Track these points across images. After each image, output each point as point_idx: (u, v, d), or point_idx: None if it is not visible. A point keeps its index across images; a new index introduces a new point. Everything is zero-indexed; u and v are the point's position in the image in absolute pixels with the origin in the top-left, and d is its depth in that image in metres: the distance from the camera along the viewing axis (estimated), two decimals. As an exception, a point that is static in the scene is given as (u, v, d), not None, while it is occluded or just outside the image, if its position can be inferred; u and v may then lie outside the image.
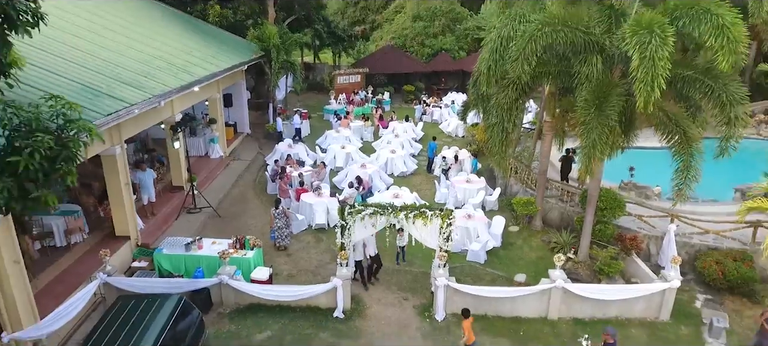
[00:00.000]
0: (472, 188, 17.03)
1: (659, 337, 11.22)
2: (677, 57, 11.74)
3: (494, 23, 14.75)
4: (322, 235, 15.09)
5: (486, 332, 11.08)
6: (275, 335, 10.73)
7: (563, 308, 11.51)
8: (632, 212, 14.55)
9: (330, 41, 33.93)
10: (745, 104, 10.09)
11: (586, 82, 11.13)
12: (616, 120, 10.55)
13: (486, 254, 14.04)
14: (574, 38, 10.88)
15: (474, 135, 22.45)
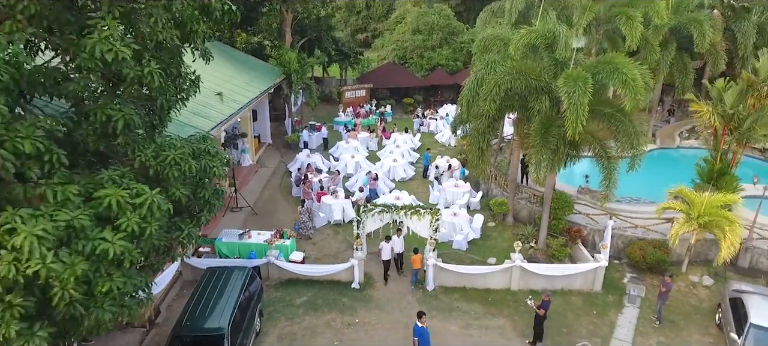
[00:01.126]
0: (459, 191, 21.24)
1: (592, 303, 15.42)
2: (605, 98, 15.98)
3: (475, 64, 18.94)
4: (339, 229, 19.29)
5: (464, 299, 15.27)
6: (310, 300, 14.94)
7: (521, 282, 15.70)
8: (582, 210, 18.76)
9: (337, 58, 38.16)
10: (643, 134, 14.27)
11: (537, 115, 15.35)
12: (556, 145, 14.74)
13: (467, 244, 18.23)
14: (528, 84, 15.08)
15: (463, 146, 26.61)
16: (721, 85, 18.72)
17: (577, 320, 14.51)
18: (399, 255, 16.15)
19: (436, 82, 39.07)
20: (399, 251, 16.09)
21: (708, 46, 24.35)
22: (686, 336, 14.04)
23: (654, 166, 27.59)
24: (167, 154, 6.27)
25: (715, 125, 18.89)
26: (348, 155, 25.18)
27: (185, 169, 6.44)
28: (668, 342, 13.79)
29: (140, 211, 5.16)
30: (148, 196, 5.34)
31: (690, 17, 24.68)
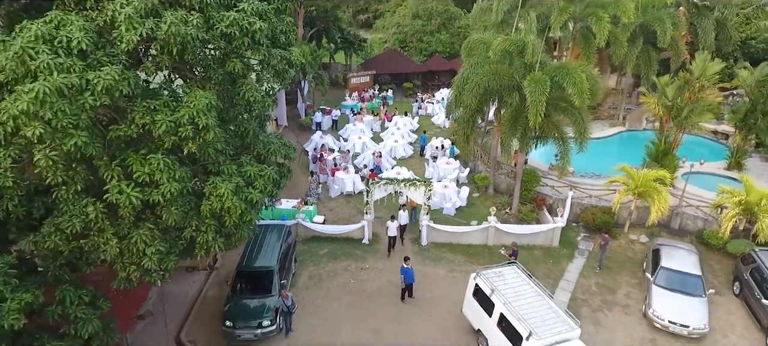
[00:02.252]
0: (449, 167, 25.64)
1: (550, 255, 20.00)
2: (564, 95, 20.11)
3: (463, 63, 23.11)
4: (350, 198, 23.80)
5: (450, 252, 19.84)
6: (330, 251, 19.53)
7: (496, 239, 20.26)
8: (550, 183, 23.25)
9: (343, 46, 42.07)
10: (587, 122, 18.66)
11: (509, 108, 19.69)
12: (523, 131, 19.12)
13: (455, 210, 22.76)
14: (502, 83, 19.38)
15: (455, 129, 30.90)
16: (664, 81, 23.01)
17: (536, 267, 19.10)
18: (403, 227, 20.45)
19: (434, 68, 43.08)
20: (404, 223, 20.43)
21: (669, 41, 28.43)
22: (618, 279, 18.67)
23: (623, 146, 32.01)
24: (269, 147, 10.59)
25: (660, 114, 23.26)
26: (356, 136, 29.50)
27: (278, 155, 10.82)
28: (603, 282, 18.44)
29: (264, 179, 9.42)
30: (267, 171, 9.64)
31: (655, 16, 28.63)
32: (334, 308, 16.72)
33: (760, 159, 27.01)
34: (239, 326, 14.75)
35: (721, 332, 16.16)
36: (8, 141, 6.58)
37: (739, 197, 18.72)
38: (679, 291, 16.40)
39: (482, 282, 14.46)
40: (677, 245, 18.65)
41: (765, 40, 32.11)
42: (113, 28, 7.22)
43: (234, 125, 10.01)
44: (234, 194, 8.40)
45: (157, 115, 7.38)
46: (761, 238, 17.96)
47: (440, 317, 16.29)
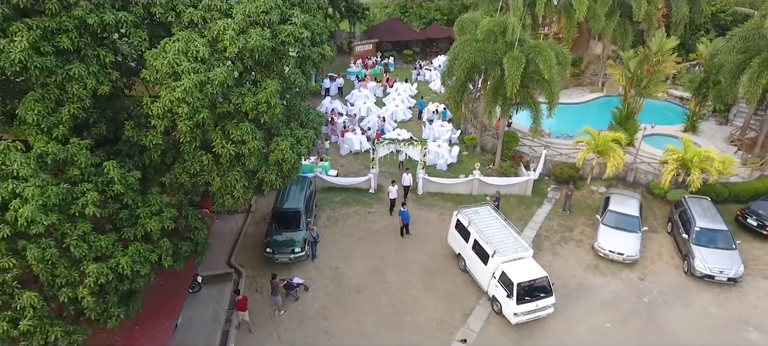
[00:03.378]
0: (443, 129, 30.05)
1: (523, 202, 24.71)
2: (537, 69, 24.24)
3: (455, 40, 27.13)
4: (358, 156, 28.31)
5: (441, 200, 24.54)
6: (343, 199, 24.23)
7: (479, 189, 24.95)
8: (528, 143, 27.74)
9: (347, 15, 45.58)
10: (556, 92, 22.99)
11: (491, 79, 23.95)
12: (502, 99, 23.46)
13: (447, 166, 27.35)
14: (486, 59, 23.57)
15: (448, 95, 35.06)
16: (628, 56, 27.14)
17: (512, 211, 23.81)
18: (406, 188, 24.84)
19: (432, 36, 46.71)
20: (407, 185, 24.84)
21: (644, 15, 32.27)
22: (576, 220, 23.41)
23: (600, 110, 36.27)
24: (309, 116, 14.98)
25: (623, 83, 27.52)
26: (361, 101, 33.74)
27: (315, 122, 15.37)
28: (563, 223, 23.21)
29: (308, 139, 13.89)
30: (309, 133, 14.08)
31: (631, -8, 32.38)
32: (347, 241, 21.55)
33: (716, 122, 31.42)
34: (277, 252, 19.60)
35: (650, 259, 21.03)
36: (163, 116, 10.92)
37: (678, 155, 23.27)
38: (620, 228, 21.17)
39: (462, 217, 19.22)
40: (625, 194, 23.34)
41: (733, 12, 35.83)
42: (218, 41, 11.40)
43: (286, 100, 14.32)
44: (290, 149, 12.83)
45: (244, 97, 11.70)
46: (692, 187, 22.62)
47: (431, 248, 21.13)
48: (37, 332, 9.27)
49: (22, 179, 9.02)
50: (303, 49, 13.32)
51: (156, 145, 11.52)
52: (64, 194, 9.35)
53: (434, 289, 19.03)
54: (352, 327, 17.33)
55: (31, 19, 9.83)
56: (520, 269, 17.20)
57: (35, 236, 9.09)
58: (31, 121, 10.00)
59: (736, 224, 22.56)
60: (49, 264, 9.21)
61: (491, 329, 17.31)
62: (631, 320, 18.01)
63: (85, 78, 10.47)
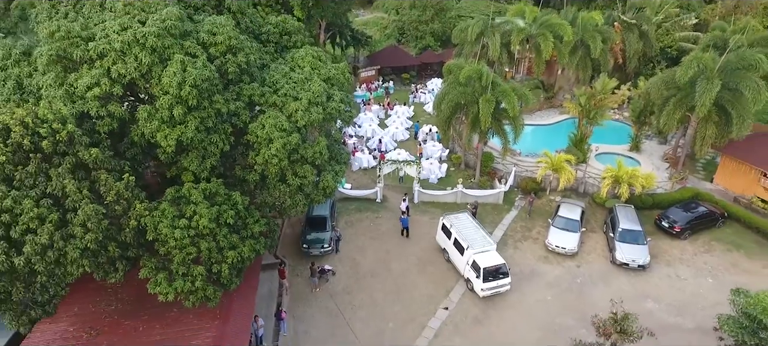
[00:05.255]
0: (435, 149, 38.09)
1: (496, 209, 32.77)
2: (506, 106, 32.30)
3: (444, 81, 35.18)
4: (366, 171, 36.30)
5: (432, 207, 32.55)
6: (356, 207, 32.22)
7: (462, 199, 32.99)
8: (500, 161, 35.80)
9: (353, 43, 53.50)
10: (521, 123, 31.09)
11: (471, 114, 31.99)
12: (479, 129, 31.50)
13: (437, 180, 35.39)
14: (467, 99, 31.62)
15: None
16: (579, 92, 35.23)
17: (487, 216, 31.84)
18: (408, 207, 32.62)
19: (426, 60, 54.81)
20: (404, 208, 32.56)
21: (600, 52, 40.39)
22: (535, 223, 31.43)
23: (568, 130, 44.49)
24: (342, 154, 22.84)
25: (577, 114, 35.66)
26: (367, 124, 41.71)
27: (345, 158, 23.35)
28: (525, 226, 31.24)
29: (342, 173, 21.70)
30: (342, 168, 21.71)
31: (588, 33, 40.51)
32: (361, 239, 29.52)
33: (657, 142, 39.62)
34: (310, 247, 27.54)
35: (587, 252, 29.07)
36: (262, 163, 18.74)
37: (613, 172, 31.37)
38: (565, 229, 29.23)
39: (446, 221, 27.25)
40: (571, 202, 31.42)
41: (678, 47, 43.95)
42: (292, 116, 19.38)
43: (328, 148, 22.13)
44: (332, 179, 20.71)
45: (307, 150, 19.79)
46: (622, 198, 30.73)
47: (424, 244, 29.12)
48: (201, 289, 17.09)
49: (195, 203, 16.87)
50: (342, 115, 21.26)
51: (254, 180, 19.38)
52: (216, 212, 17.18)
53: (426, 273, 27.04)
54: (367, 300, 25.29)
55: (192, 113, 17.59)
56: (486, 258, 25.20)
57: (205, 236, 16.89)
58: (192, 169, 17.80)
59: (654, 226, 30.68)
60: (208, 251, 17.00)
61: (465, 301, 25.32)
62: (566, 295, 26.04)
63: (217, 144, 18.29)
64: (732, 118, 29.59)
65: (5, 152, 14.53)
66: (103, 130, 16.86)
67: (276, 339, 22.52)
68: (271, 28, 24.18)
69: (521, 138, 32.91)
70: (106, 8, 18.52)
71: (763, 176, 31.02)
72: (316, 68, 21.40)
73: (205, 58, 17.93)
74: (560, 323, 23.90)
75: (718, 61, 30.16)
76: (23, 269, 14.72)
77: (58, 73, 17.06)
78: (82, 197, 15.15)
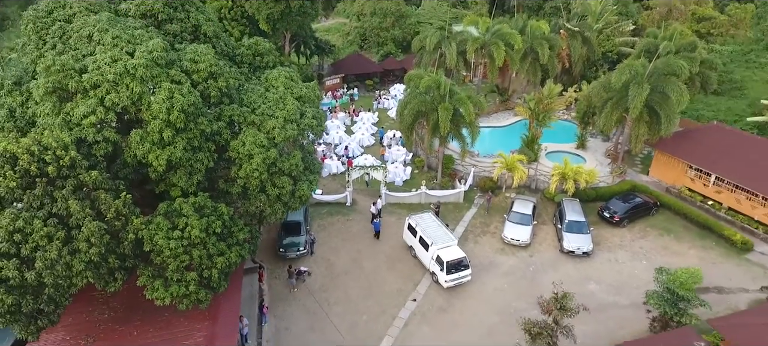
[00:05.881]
0: (399, 153, 40.89)
1: (457, 207, 35.85)
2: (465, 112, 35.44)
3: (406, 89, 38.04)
4: (335, 177, 38.74)
5: (399, 209, 35.33)
6: (328, 211, 34.64)
7: (425, 200, 35.90)
8: (460, 162, 38.94)
9: (317, 52, 55.72)
10: (477, 128, 34.28)
11: (431, 121, 34.93)
12: (439, 134, 34.47)
13: (402, 182, 38.19)
14: (427, 107, 34.53)
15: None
16: (529, 97, 38.76)
17: (449, 214, 34.85)
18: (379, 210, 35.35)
19: (389, 67, 57.60)
20: (380, 206, 35.30)
21: (547, 59, 44.14)
22: (493, 219, 34.67)
23: (521, 131, 48.05)
24: (315, 164, 25.19)
25: (528, 116, 39.19)
26: (334, 131, 44.08)
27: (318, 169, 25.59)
28: (484, 221, 34.42)
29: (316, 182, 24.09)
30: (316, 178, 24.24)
31: (537, 41, 44.19)
32: (334, 241, 31.96)
33: (601, 140, 43.71)
34: (287, 251, 29.78)
35: (539, 243, 32.46)
36: (243, 178, 20.89)
37: (560, 169, 34.94)
38: (519, 223, 32.54)
39: (411, 220, 30.06)
40: (524, 198, 34.83)
41: (618, 51, 48.37)
42: (270, 133, 21.63)
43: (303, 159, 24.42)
44: (307, 188, 23.08)
45: (284, 163, 21.99)
46: (569, 192, 34.33)
47: (393, 243, 31.83)
48: (194, 293, 19.17)
49: (186, 216, 18.93)
50: (314, 130, 23.68)
51: (236, 192, 21.55)
52: (206, 223, 19.28)
53: (395, 270, 29.76)
54: (342, 296, 27.77)
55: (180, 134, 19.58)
56: (448, 253, 28.10)
57: (197, 245, 18.96)
58: (180, 185, 19.81)
59: (597, 217, 34.43)
60: (200, 259, 19.08)
61: (431, 292, 28.18)
62: (520, 282, 29.27)
63: (203, 161, 20.38)
64: (661, 118, 33.63)
65: (15, 179, 16.27)
66: (99, 153, 18.70)
67: (260, 336, 24.72)
68: (244, 50, 26.31)
69: (479, 140, 36.14)
70: (95, 40, 20.24)
71: (689, 168, 35.26)
72: (288, 88, 23.72)
73: (189, 84, 20.00)
74: (515, 307, 27.04)
75: (648, 68, 34.18)
76: (33, 283, 16.47)
77: (54, 103, 18.76)
78: (85, 215, 17.02)
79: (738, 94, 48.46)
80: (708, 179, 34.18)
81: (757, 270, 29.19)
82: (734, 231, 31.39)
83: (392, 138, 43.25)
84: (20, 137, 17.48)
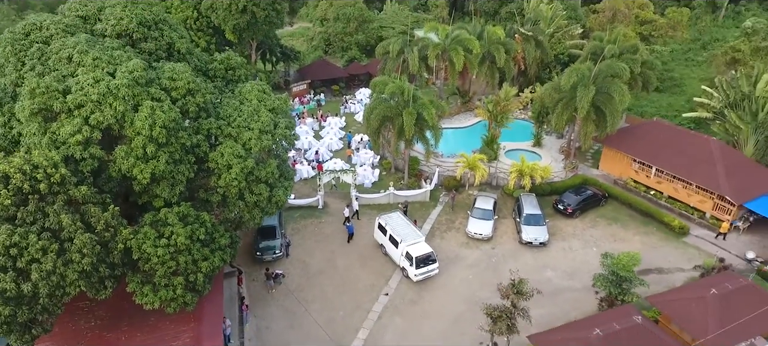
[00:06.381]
0: (367, 156, 42.88)
1: (424, 206, 38.13)
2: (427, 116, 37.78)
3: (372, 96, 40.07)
4: (306, 181, 40.40)
5: (369, 209, 37.33)
6: (301, 214, 36.31)
7: (393, 200, 38.05)
8: (425, 163, 41.28)
9: (283, 59, 57.03)
10: (439, 130, 36.69)
11: (396, 126, 37.08)
12: (404, 137, 36.68)
13: (371, 184, 40.22)
14: (392, 113, 36.65)
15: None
16: (487, 100, 41.48)
17: (416, 212, 37.05)
18: (356, 211, 37.13)
19: (354, 72, 59.51)
20: (356, 208, 37.04)
21: (504, 62, 47.03)
22: (457, 215, 37.10)
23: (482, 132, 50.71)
24: (290, 171, 26.86)
25: (486, 118, 41.92)
26: (303, 136, 45.64)
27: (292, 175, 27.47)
28: (449, 218, 36.82)
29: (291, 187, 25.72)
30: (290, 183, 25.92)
31: (494, 46, 47.03)
32: (308, 243, 33.69)
33: (555, 137, 46.93)
34: (263, 254, 31.32)
35: (500, 236, 35.09)
36: (223, 186, 22.35)
37: (518, 167, 37.73)
38: (481, 218, 35.08)
39: (381, 220, 32.13)
40: (486, 195, 37.43)
41: (569, 53, 51.88)
42: (246, 144, 23.17)
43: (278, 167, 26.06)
44: (283, 194, 24.74)
45: (261, 171, 23.54)
46: (526, 188, 37.14)
47: (364, 242, 33.80)
48: (180, 296, 20.61)
49: (172, 225, 20.35)
50: (287, 139, 25.39)
51: (216, 201, 23.05)
52: (190, 231, 20.73)
53: (367, 267, 31.75)
54: (319, 294, 29.56)
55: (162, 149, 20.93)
56: (417, 248, 30.29)
57: (182, 251, 20.38)
58: (164, 196, 21.18)
59: (553, 209, 37.38)
60: (186, 264, 20.52)
61: (402, 286, 30.31)
62: (484, 273, 31.76)
63: (184, 172, 21.79)
64: (606, 116, 36.85)
65: (9, 196, 17.37)
66: (86, 169, 19.89)
67: (242, 336, 26.25)
68: (217, 65, 27.72)
69: (442, 141, 38.56)
70: (75, 61, 21.34)
71: (633, 162, 38.70)
72: (262, 100, 25.34)
73: (169, 101, 21.41)
74: (480, 296, 29.42)
75: (593, 70, 37.38)
76: (28, 294, 17.62)
77: (39, 123, 19.83)
78: (76, 228, 18.26)
79: (678, 91, 52.76)
80: (650, 170, 37.67)
81: (692, 252, 32.66)
82: (673, 217, 34.89)
83: (360, 142, 45.20)
84: (6, 156, 18.53)
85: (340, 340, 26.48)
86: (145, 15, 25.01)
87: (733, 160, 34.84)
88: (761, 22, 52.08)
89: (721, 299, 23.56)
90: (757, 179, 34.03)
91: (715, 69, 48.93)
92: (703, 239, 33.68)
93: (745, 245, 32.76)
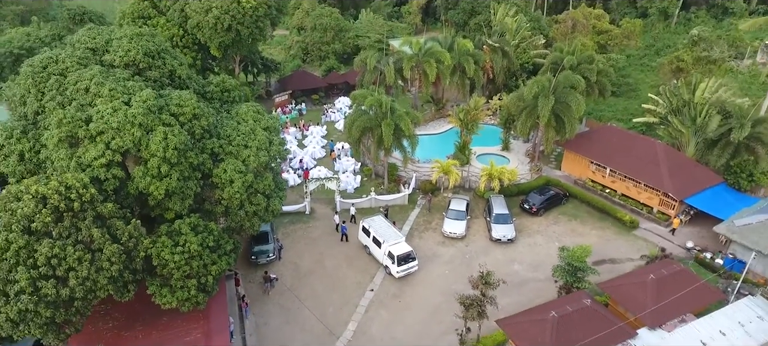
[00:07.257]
0: (349, 163, 46.41)
1: (403, 209, 41.93)
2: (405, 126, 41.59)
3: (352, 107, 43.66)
4: (293, 189, 43.72)
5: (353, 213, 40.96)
6: (290, 220, 39.68)
7: (375, 204, 41.72)
8: (403, 169, 45.07)
9: (264, 71, 60.02)
10: (415, 139, 40.57)
11: (376, 136, 40.76)
12: (383, 146, 40.39)
13: (354, 189, 43.79)
14: (371, 124, 40.32)
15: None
16: (458, 109, 45.58)
17: (396, 215, 40.80)
18: (353, 217, 40.78)
19: (333, 81, 62.93)
20: (346, 218, 40.64)
21: (473, 73, 51.22)
22: (433, 217, 41.00)
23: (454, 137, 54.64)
24: (284, 183, 30.13)
25: (458, 125, 46.03)
26: (287, 145, 48.83)
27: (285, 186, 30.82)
28: (426, 219, 40.70)
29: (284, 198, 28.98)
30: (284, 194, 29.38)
31: (464, 57, 51.15)
32: (298, 246, 37.10)
33: (522, 141, 51.34)
34: (258, 258, 34.61)
35: (473, 234, 39.14)
36: (226, 199, 25.55)
37: (487, 171, 41.86)
38: (456, 219, 39.04)
39: (365, 223, 35.81)
40: (459, 197, 41.47)
41: (533, 62, 56.49)
42: (246, 160, 26.30)
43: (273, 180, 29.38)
44: (279, 204, 28.06)
45: (260, 184, 26.77)
46: (495, 189, 41.30)
47: (350, 244, 37.40)
48: (194, 296, 23.86)
49: (185, 234, 23.58)
50: (281, 155, 28.80)
51: (220, 211, 26.32)
52: (201, 239, 23.97)
53: (353, 266, 35.37)
54: (310, 293, 33.03)
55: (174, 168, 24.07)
56: (398, 248, 34.05)
57: (195, 257, 23.60)
58: (175, 209, 24.34)
59: (520, 208, 41.65)
60: (198, 268, 23.75)
61: (386, 282, 34.04)
62: (458, 267, 35.71)
63: (192, 188, 24.98)
64: (565, 123, 41.31)
65: (48, 214, 20.36)
66: (109, 188, 22.95)
67: (243, 330, 29.54)
68: (213, 88, 30.92)
69: (418, 148, 42.43)
70: (92, 92, 24.31)
71: (591, 163, 43.29)
72: (257, 120, 28.69)
73: (178, 126, 24.61)
74: (455, 288, 33.34)
75: (553, 82, 41.79)
76: (65, 298, 20.64)
77: (66, 149, 22.78)
78: (105, 239, 21.35)
79: (633, 95, 57.90)
80: (605, 171, 42.32)
81: (640, 243, 37.33)
82: (625, 213, 39.57)
83: (341, 149, 48.72)
84: (39, 179, 21.49)
85: (332, 331, 30.02)
86: (149, 46, 28.05)
87: (676, 161, 39.69)
88: (706, 30, 57.69)
89: (658, 282, 27.99)
90: (696, 177, 38.94)
91: (662, 77, 54.17)
92: (650, 232, 38.42)
93: (685, 236, 37.60)
